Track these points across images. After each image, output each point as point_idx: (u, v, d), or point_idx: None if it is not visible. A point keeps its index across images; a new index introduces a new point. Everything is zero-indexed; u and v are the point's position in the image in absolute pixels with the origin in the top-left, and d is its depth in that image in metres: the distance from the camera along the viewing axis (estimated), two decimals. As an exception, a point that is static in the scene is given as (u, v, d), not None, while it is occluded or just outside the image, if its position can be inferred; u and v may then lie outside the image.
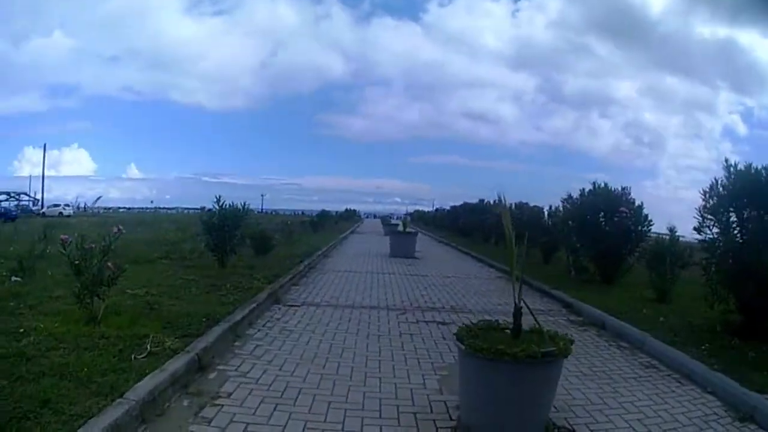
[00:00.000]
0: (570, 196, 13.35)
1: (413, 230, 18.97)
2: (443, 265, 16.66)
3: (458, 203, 37.82)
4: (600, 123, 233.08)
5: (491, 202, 27.29)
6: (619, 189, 12.47)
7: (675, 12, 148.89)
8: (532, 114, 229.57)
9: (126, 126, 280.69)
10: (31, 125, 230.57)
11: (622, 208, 12.00)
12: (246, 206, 12.67)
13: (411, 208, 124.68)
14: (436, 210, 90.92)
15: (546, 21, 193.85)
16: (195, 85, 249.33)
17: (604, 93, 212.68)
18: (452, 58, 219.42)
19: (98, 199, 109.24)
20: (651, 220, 12.24)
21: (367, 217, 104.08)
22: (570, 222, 13.19)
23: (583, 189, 12.82)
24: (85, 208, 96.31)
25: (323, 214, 38.45)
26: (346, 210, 76.24)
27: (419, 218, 72.93)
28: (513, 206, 21.09)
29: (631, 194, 12.40)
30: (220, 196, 12.17)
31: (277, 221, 39.55)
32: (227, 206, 12.15)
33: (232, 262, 12.13)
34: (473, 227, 28.36)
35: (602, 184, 12.58)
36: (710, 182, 7.37)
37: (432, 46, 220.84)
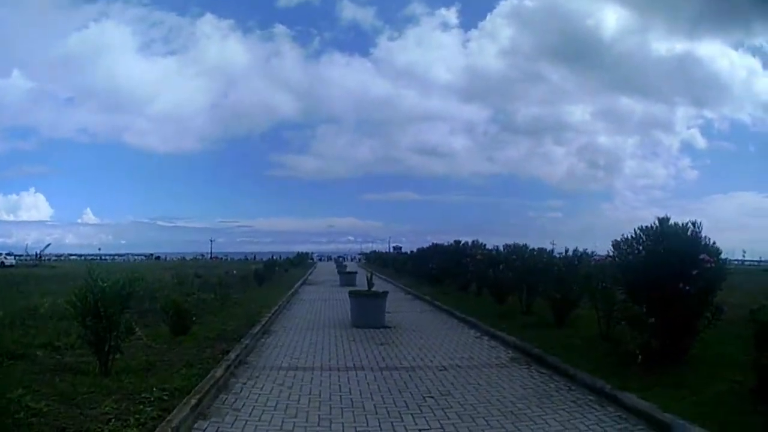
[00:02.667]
0: (625, 240, 9.21)
1: (379, 290, 14.77)
2: (426, 338, 12.63)
3: (424, 244, 34.07)
4: (554, 149, 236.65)
5: (469, 243, 23.41)
6: (690, 226, 8.56)
7: (630, 31, 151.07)
8: (484, 145, 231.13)
9: (82, 169, 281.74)
10: None
11: (703, 256, 8.11)
12: (133, 279, 8.41)
13: (365, 247, 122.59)
14: (394, 249, 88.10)
15: (497, 50, 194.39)
16: (148, 126, 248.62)
17: (557, 119, 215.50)
18: (403, 93, 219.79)
19: (47, 246, 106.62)
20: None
21: (321, 259, 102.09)
22: (622, 277, 9.39)
23: (642, 229, 8.83)
24: (38, 255, 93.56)
25: (270, 264, 33.87)
26: (298, 254, 71.96)
27: (376, 259, 69.41)
28: (503, 249, 17.53)
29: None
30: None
31: (222, 270, 35.87)
32: (105, 280, 8.08)
33: (124, 358, 8.54)
34: (447, 273, 24.39)
35: (670, 220, 8.65)
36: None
37: (382, 81, 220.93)
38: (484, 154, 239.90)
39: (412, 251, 41.49)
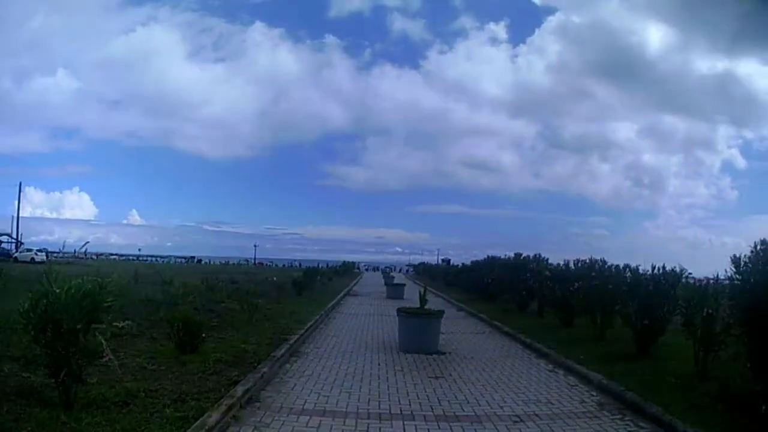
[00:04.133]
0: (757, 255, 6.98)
1: (433, 308, 12.47)
2: (489, 369, 10.32)
3: (480, 256, 31.58)
4: (599, 166, 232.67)
5: (530, 257, 20.90)
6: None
7: (672, 48, 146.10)
8: (531, 161, 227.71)
9: (128, 171, 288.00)
10: (32, 166, 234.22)
11: None
12: (103, 287, 6.34)
13: (413, 258, 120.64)
14: (443, 261, 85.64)
15: (544, 65, 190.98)
16: (197, 132, 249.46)
17: (603, 136, 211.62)
18: (452, 106, 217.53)
19: (85, 244, 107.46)
20: None
21: (368, 269, 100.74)
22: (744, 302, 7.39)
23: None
24: (76, 253, 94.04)
25: (311, 272, 31.63)
26: (344, 263, 69.78)
27: (424, 271, 67.30)
28: (574, 264, 15.10)
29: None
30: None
31: (263, 276, 33.96)
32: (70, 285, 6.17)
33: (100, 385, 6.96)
34: (504, 289, 21.94)
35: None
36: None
37: (432, 94, 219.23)
38: (532, 169, 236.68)
39: (463, 264, 38.91)
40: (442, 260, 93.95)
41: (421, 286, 15.36)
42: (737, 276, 7.46)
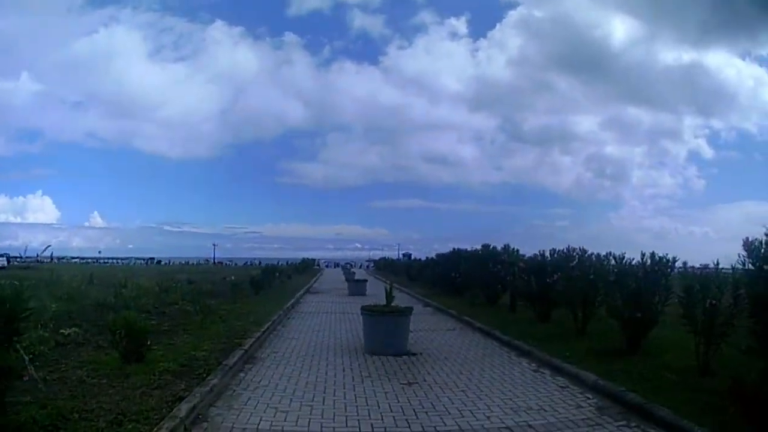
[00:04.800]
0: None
1: (400, 306, 11.45)
2: (467, 371, 9.29)
3: (441, 251, 30.64)
4: (561, 159, 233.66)
5: (497, 248, 19.99)
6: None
7: (638, 40, 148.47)
8: (492, 154, 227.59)
9: (90, 173, 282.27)
10: None
11: None
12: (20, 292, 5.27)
13: (373, 254, 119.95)
14: (404, 256, 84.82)
15: (505, 59, 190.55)
16: (157, 132, 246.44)
17: (565, 129, 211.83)
18: (412, 101, 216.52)
19: (47, 248, 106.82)
20: None
21: (327, 265, 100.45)
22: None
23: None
24: (38, 257, 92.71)
25: (269, 270, 30.39)
26: (303, 260, 68.42)
27: (385, 266, 66.40)
28: (551, 254, 14.29)
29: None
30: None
31: (221, 276, 32.83)
32: None
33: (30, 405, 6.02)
34: (473, 282, 20.86)
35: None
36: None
37: (392, 90, 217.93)
38: (492, 162, 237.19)
39: (428, 258, 37.73)
40: (403, 255, 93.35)
41: (384, 281, 14.39)
42: (750, 262, 6.67)
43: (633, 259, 10.61)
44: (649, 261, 10.05)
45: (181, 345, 10.30)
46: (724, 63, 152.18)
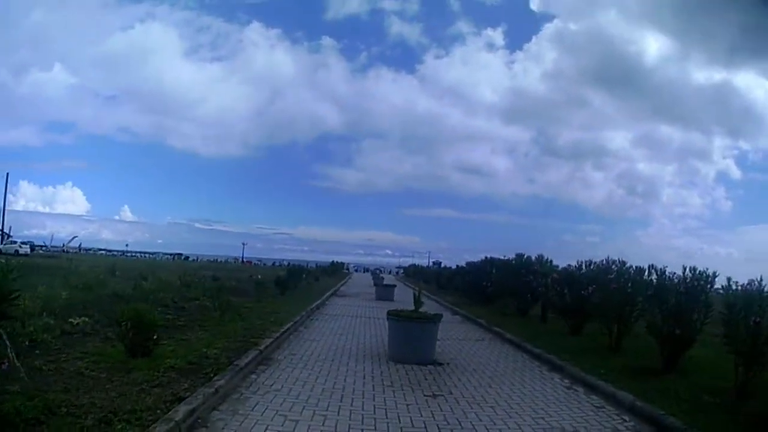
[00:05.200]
0: None
1: (429, 312, 10.80)
2: (496, 384, 8.70)
3: (461, 261, 30.08)
4: (593, 174, 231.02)
5: (532, 257, 19.24)
6: None
7: (670, 58, 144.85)
8: (525, 167, 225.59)
9: (121, 167, 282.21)
10: (26, 160, 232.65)
11: None
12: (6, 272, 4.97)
13: (403, 261, 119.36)
14: (434, 264, 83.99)
15: (540, 72, 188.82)
16: (191, 130, 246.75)
17: (597, 144, 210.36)
18: (447, 111, 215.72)
19: (73, 238, 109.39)
20: None
21: (357, 270, 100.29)
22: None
23: None
24: (64, 247, 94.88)
25: (296, 270, 29.84)
26: (332, 263, 67.78)
27: (415, 273, 65.76)
28: (586, 266, 13.54)
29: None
30: None
31: (248, 274, 32.47)
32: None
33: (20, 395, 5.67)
34: (504, 292, 20.27)
35: None
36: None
37: (428, 99, 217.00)
38: (525, 175, 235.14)
39: (459, 266, 36.99)
40: (433, 263, 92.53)
41: (413, 288, 13.74)
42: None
43: (674, 273, 9.89)
44: (690, 275, 9.38)
45: (195, 341, 9.88)
46: (753, 84, 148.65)
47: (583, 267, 14.07)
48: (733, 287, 8.29)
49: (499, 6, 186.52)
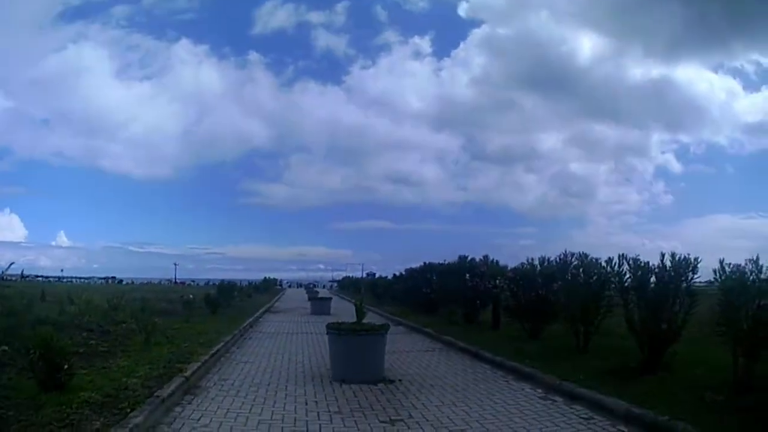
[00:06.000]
0: None
1: (374, 323, 9.70)
2: (461, 402, 7.49)
3: (395, 272, 29.06)
4: (525, 177, 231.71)
5: (475, 259, 18.27)
6: None
7: (605, 57, 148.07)
8: (455, 174, 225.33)
9: (57, 192, 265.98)
10: None
11: None
12: None
13: (335, 275, 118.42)
14: (368, 275, 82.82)
15: (469, 78, 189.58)
16: (122, 151, 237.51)
17: (529, 147, 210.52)
18: (375, 121, 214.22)
19: (10, 265, 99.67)
20: None
21: (290, 285, 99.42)
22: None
23: None
24: (2, 275, 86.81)
25: (227, 288, 28.31)
26: (265, 279, 65.94)
27: (349, 285, 64.68)
28: (539, 262, 12.70)
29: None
30: None
31: (179, 295, 30.80)
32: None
33: None
34: (449, 298, 19.07)
35: None
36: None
37: (355, 110, 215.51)
38: (456, 182, 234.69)
39: (395, 274, 35.85)
40: (367, 274, 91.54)
41: (349, 300, 12.68)
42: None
43: (648, 262, 8.94)
44: (669, 262, 8.47)
45: (116, 369, 8.57)
46: (695, 77, 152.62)
47: (538, 264, 13.13)
48: (727, 270, 7.47)
49: (426, 14, 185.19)
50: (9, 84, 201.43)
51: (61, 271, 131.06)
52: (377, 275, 64.25)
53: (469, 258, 18.70)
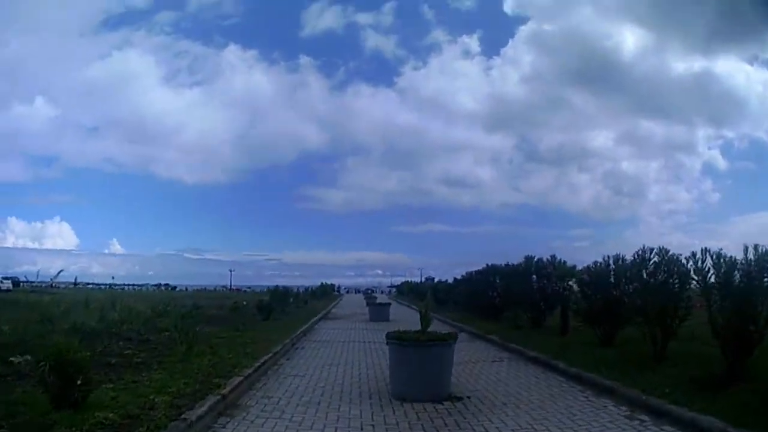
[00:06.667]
0: None
1: (439, 332, 8.62)
2: (542, 426, 6.49)
3: (453, 276, 28.04)
4: (578, 177, 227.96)
5: (543, 260, 17.03)
6: None
7: (647, 51, 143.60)
8: (510, 175, 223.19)
9: (108, 199, 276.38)
10: (13, 195, 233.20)
11: None
12: None
13: (394, 280, 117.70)
14: (427, 280, 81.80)
15: (519, 76, 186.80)
16: (175, 157, 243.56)
17: (580, 145, 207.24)
18: (428, 123, 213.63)
19: (59, 273, 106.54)
20: None
21: (348, 291, 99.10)
22: None
23: None
24: (52, 282, 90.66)
25: (280, 294, 27.57)
26: (321, 285, 65.35)
27: (409, 291, 63.65)
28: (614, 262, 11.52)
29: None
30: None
31: (233, 301, 30.56)
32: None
33: None
34: (514, 302, 17.97)
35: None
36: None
37: (408, 111, 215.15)
38: (510, 183, 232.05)
39: (455, 278, 34.66)
40: (426, 279, 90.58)
41: (409, 306, 11.79)
42: None
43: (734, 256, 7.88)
44: (753, 257, 7.50)
45: (147, 383, 7.86)
46: (734, 69, 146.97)
47: (611, 263, 11.83)
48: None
49: (473, 12, 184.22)
50: (54, 92, 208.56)
51: (112, 278, 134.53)
52: (436, 279, 63.30)
53: (535, 258, 17.48)
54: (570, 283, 14.54)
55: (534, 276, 16.65)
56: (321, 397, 8.06)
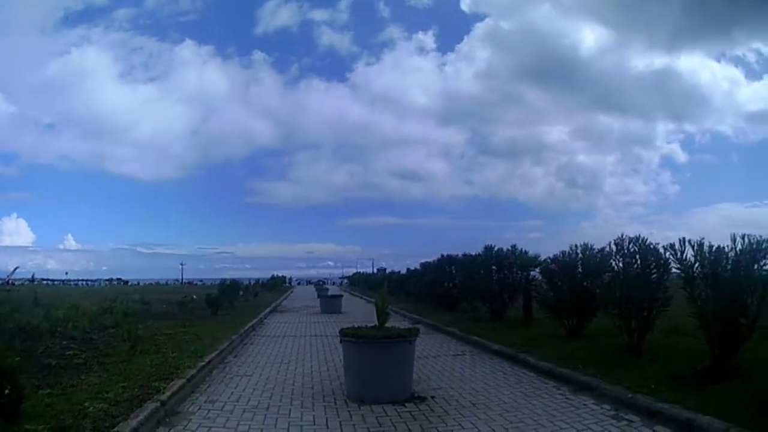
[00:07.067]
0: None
1: (398, 327, 7.91)
2: (513, 429, 5.90)
3: (413, 266, 27.55)
4: (532, 170, 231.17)
5: (503, 249, 16.45)
6: None
7: (607, 48, 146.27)
8: (462, 168, 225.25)
9: (64, 196, 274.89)
10: None
11: None
12: None
13: (345, 271, 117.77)
14: (378, 271, 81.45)
15: (473, 72, 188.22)
16: (129, 153, 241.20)
17: (535, 140, 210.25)
18: (380, 117, 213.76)
19: (15, 269, 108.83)
20: None
21: (299, 283, 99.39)
22: None
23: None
24: (8, 279, 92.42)
25: (229, 287, 26.55)
26: (272, 277, 64.29)
27: (360, 281, 63.23)
28: (582, 251, 10.99)
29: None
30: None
31: (184, 295, 29.31)
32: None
33: None
34: (472, 292, 17.36)
35: None
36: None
37: (360, 106, 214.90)
38: (462, 176, 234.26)
39: (408, 269, 34.11)
40: (378, 270, 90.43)
41: (361, 297, 11.24)
42: None
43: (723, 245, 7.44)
44: (741, 246, 7.12)
45: (85, 388, 7.17)
46: (699, 66, 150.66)
47: (579, 252, 11.33)
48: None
49: (429, 9, 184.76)
50: (13, 89, 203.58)
51: (66, 274, 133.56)
52: (388, 270, 62.80)
53: (495, 249, 16.88)
54: (533, 273, 14.03)
55: (494, 266, 16.05)
56: (270, 401, 7.26)
